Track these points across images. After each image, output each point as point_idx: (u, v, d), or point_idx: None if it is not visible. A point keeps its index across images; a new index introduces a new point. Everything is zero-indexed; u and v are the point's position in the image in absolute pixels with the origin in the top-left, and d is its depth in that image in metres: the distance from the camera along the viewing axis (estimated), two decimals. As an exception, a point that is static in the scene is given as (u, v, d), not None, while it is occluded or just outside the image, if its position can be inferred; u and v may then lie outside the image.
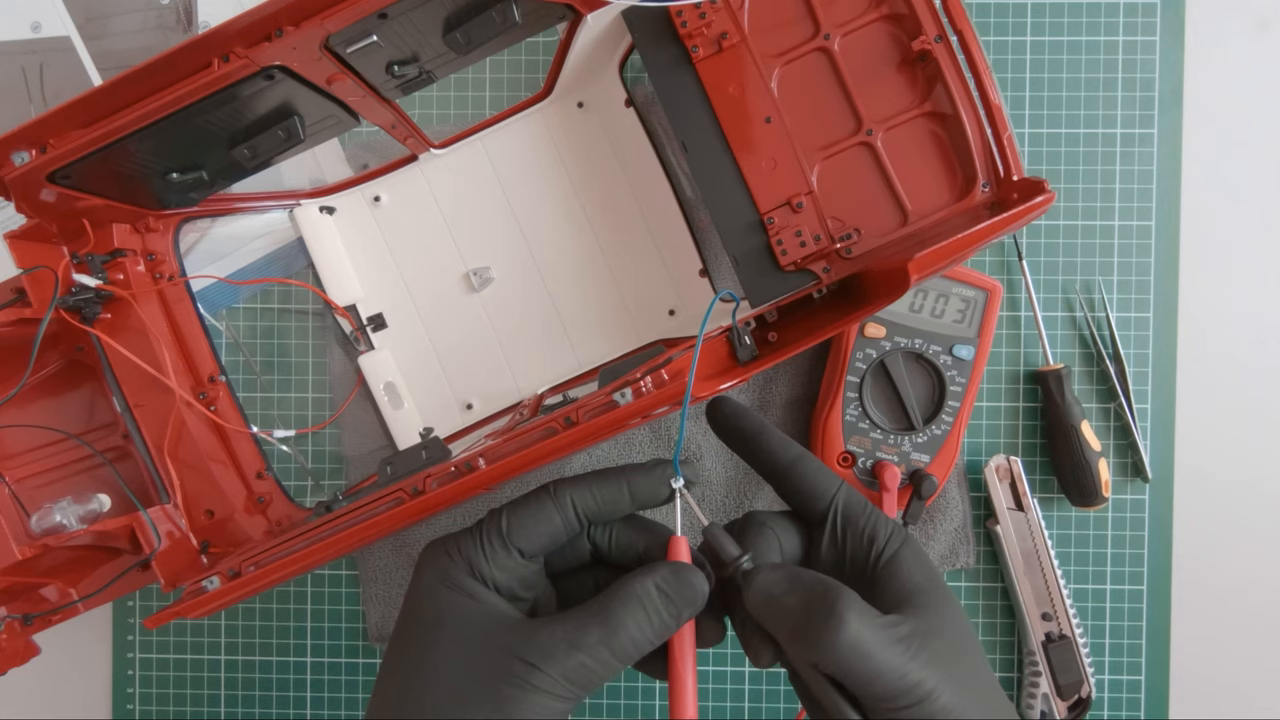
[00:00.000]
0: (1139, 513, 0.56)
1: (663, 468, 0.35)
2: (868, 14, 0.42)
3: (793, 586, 0.32)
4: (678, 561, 0.33)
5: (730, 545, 0.34)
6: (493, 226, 0.54)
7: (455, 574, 0.33)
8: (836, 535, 0.35)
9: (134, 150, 0.39)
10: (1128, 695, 0.55)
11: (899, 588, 0.33)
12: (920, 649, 0.30)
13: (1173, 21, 0.56)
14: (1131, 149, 0.56)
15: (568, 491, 0.34)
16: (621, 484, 0.35)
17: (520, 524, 0.34)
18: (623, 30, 0.46)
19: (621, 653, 0.31)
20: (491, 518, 0.34)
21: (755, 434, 0.37)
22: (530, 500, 0.34)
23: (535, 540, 0.34)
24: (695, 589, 0.32)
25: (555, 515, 0.34)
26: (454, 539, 0.34)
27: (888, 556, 0.34)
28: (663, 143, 0.52)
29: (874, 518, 0.35)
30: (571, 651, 0.30)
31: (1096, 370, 0.56)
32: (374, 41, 0.37)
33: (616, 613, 0.31)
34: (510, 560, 0.33)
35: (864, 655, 0.29)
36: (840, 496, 0.36)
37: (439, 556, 0.34)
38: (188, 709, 0.57)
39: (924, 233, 0.42)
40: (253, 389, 0.56)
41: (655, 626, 0.32)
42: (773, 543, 0.35)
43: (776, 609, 0.31)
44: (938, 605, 0.32)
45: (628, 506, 0.35)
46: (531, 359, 0.54)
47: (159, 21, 0.56)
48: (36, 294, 0.42)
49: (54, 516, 0.42)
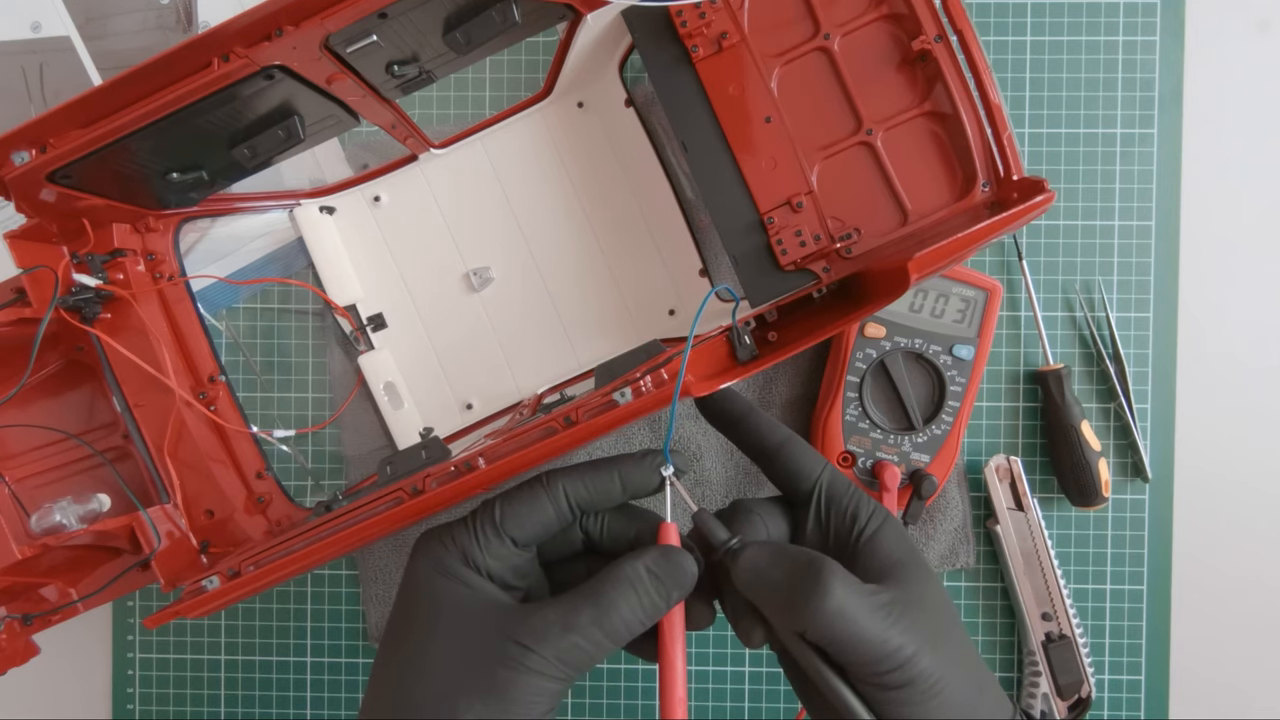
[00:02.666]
0: (1139, 513, 0.56)
1: (653, 457, 0.35)
2: (868, 14, 0.42)
3: (778, 560, 0.33)
4: (667, 545, 0.34)
5: (719, 529, 0.34)
6: (493, 226, 0.54)
7: (449, 562, 0.33)
8: (821, 514, 0.36)
9: (134, 150, 0.39)
10: (1128, 695, 0.55)
11: (880, 562, 0.34)
12: (901, 615, 0.31)
13: (1173, 21, 0.56)
14: (1131, 149, 0.56)
15: (560, 481, 0.35)
16: (613, 473, 0.35)
17: (514, 513, 0.34)
18: (623, 30, 0.46)
19: (613, 633, 0.32)
20: (485, 507, 0.35)
21: (743, 416, 0.39)
22: (523, 490, 0.35)
23: (528, 529, 0.34)
24: (684, 570, 0.33)
25: (548, 505, 0.34)
26: (448, 528, 0.35)
27: (869, 533, 0.35)
28: (663, 143, 0.52)
29: (856, 497, 0.36)
30: (564, 633, 0.31)
31: (1096, 370, 0.56)
32: (374, 41, 0.37)
33: (608, 594, 0.32)
34: (504, 549, 0.34)
35: (848, 620, 0.30)
36: (824, 476, 0.37)
37: (433, 545, 0.34)
38: (188, 709, 0.57)
39: (924, 232, 0.42)
40: (253, 389, 0.56)
41: (646, 607, 0.32)
42: (759, 527, 0.36)
43: (764, 582, 0.32)
44: (917, 578, 0.33)
45: (619, 496, 0.35)
46: (531, 359, 0.54)
47: (159, 21, 0.56)
48: (36, 294, 0.42)
49: (54, 516, 0.42)
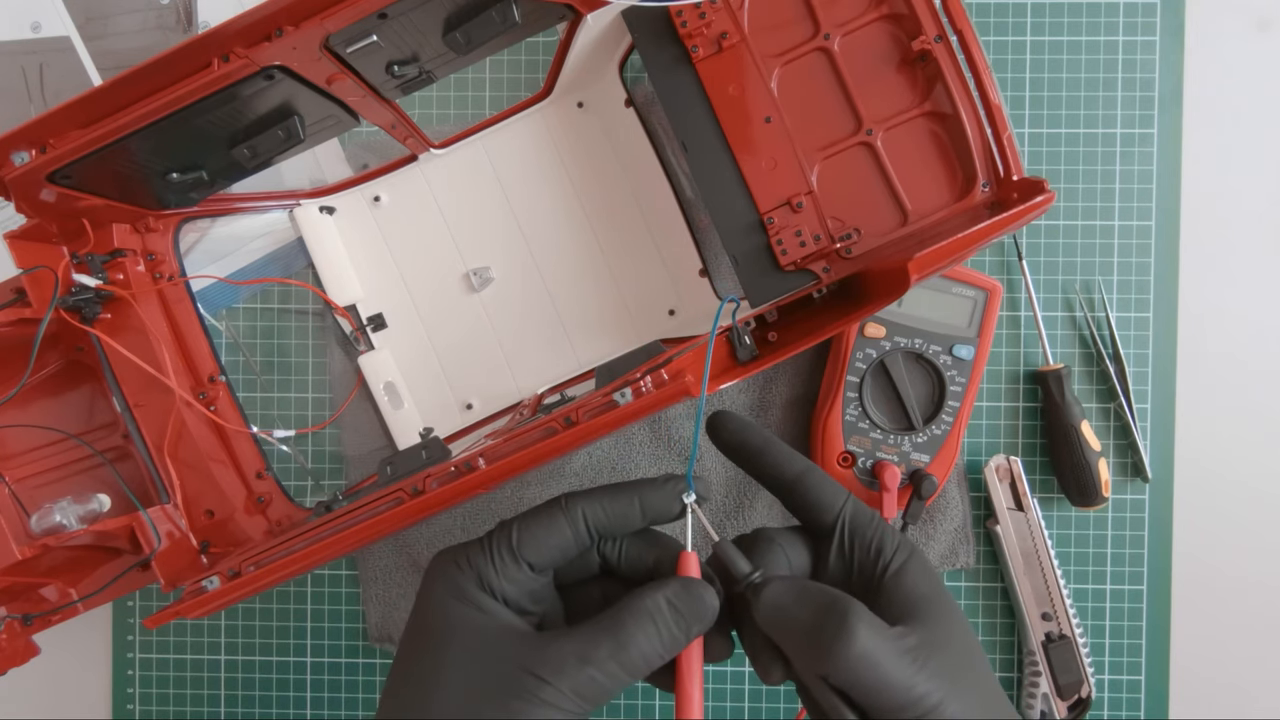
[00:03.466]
0: (1139, 513, 0.56)
1: (675, 483, 0.35)
2: (868, 14, 0.42)
3: (802, 599, 0.32)
4: (688, 577, 0.33)
5: (741, 561, 0.33)
6: (493, 226, 0.54)
7: (465, 586, 0.33)
8: (844, 547, 0.35)
9: (134, 150, 0.39)
10: (1128, 695, 0.55)
11: (905, 598, 0.33)
12: (928, 660, 0.30)
13: (1173, 21, 0.56)
14: (1131, 149, 0.56)
15: (579, 505, 0.34)
16: (633, 499, 0.34)
17: (531, 537, 0.33)
18: (623, 30, 0.46)
19: (631, 667, 0.31)
20: (501, 530, 0.34)
21: (761, 449, 0.37)
22: (541, 513, 0.34)
23: (545, 554, 0.33)
24: (706, 604, 0.32)
25: (566, 529, 0.34)
26: (463, 550, 0.34)
27: (895, 567, 0.34)
28: (663, 143, 0.52)
29: (881, 529, 0.35)
30: (582, 666, 0.30)
31: (1096, 370, 0.56)
32: (374, 41, 0.37)
33: (627, 626, 0.31)
34: (520, 573, 0.33)
35: (873, 666, 0.29)
36: (847, 508, 0.36)
37: (448, 568, 0.33)
38: (188, 709, 0.57)
39: (924, 233, 0.42)
40: (253, 389, 0.56)
41: (665, 641, 0.31)
42: (781, 559, 0.35)
43: (786, 621, 0.31)
44: (944, 616, 0.32)
45: (639, 522, 0.34)
46: (531, 359, 0.54)
47: (159, 21, 0.56)
48: (36, 294, 0.42)
49: (54, 516, 0.42)
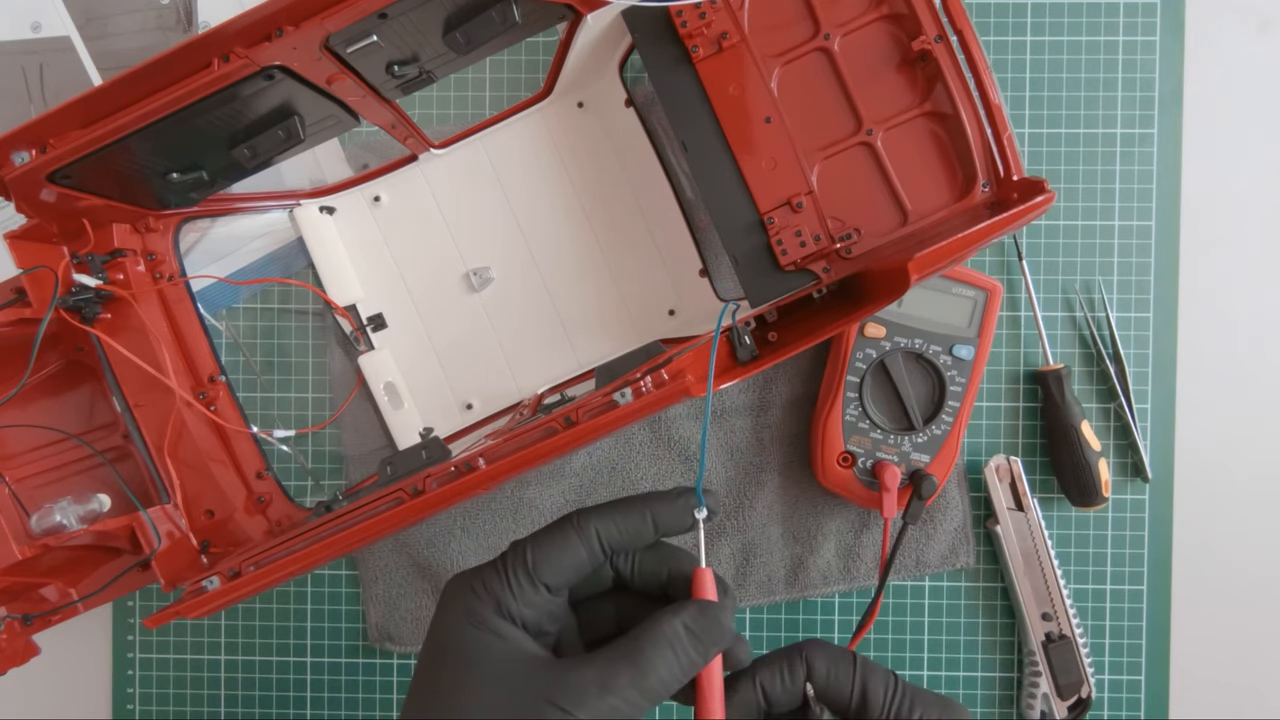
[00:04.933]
0: (1139, 513, 0.56)
1: (687, 497, 0.35)
2: (868, 14, 0.42)
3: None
4: (704, 600, 0.33)
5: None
6: (493, 226, 0.54)
7: (482, 612, 0.33)
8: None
9: (134, 150, 0.39)
10: (1128, 695, 0.55)
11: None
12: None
13: (1173, 21, 0.56)
14: (1131, 149, 0.56)
15: (592, 522, 0.34)
16: (645, 514, 0.34)
17: (546, 558, 0.33)
18: (623, 30, 0.46)
19: (651, 693, 0.31)
20: (515, 551, 0.34)
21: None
22: (554, 533, 0.34)
23: (561, 574, 0.33)
24: (723, 627, 0.32)
25: (580, 548, 0.34)
26: (479, 575, 0.34)
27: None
28: (663, 143, 0.52)
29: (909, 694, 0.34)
30: (603, 695, 0.30)
31: (1096, 370, 0.56)
32: (374, 41, 0.37)
33: (646, 653, 0.31)
34: (537, 597, 0.33)
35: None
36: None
37: (464, 593, 0.33)
38: (188, 709, 0.57)
39: (924, 233, 0.42)
40: (253, 389, 0.56)
41: (684, 665, 0.32)
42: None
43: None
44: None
45: (651, 536, 0.35)
46: (531, 359, 0.54)
47: (159, 21, 0.56)
48: (36, 294, 0.42)
49: (54, 516, 0.42)
